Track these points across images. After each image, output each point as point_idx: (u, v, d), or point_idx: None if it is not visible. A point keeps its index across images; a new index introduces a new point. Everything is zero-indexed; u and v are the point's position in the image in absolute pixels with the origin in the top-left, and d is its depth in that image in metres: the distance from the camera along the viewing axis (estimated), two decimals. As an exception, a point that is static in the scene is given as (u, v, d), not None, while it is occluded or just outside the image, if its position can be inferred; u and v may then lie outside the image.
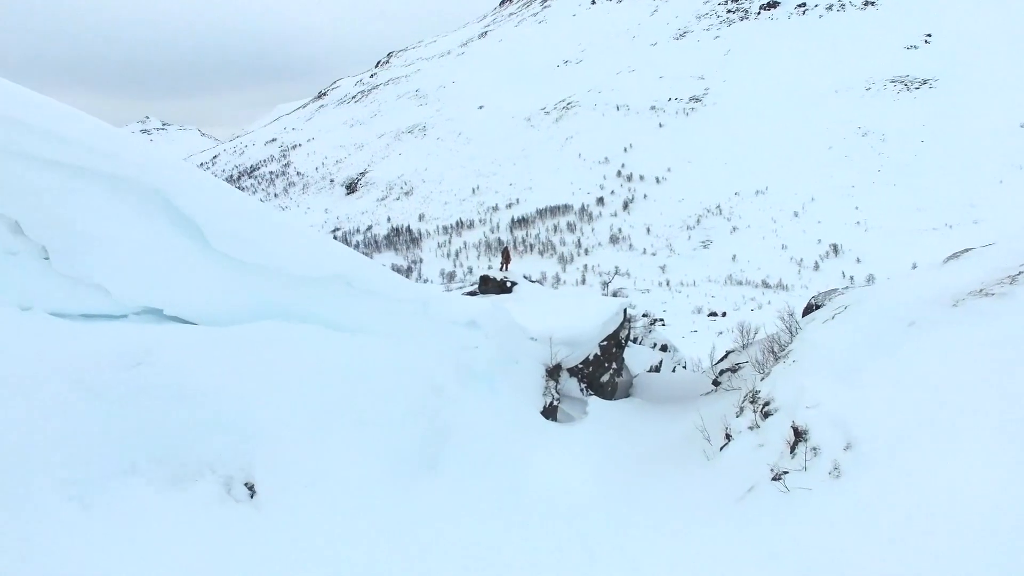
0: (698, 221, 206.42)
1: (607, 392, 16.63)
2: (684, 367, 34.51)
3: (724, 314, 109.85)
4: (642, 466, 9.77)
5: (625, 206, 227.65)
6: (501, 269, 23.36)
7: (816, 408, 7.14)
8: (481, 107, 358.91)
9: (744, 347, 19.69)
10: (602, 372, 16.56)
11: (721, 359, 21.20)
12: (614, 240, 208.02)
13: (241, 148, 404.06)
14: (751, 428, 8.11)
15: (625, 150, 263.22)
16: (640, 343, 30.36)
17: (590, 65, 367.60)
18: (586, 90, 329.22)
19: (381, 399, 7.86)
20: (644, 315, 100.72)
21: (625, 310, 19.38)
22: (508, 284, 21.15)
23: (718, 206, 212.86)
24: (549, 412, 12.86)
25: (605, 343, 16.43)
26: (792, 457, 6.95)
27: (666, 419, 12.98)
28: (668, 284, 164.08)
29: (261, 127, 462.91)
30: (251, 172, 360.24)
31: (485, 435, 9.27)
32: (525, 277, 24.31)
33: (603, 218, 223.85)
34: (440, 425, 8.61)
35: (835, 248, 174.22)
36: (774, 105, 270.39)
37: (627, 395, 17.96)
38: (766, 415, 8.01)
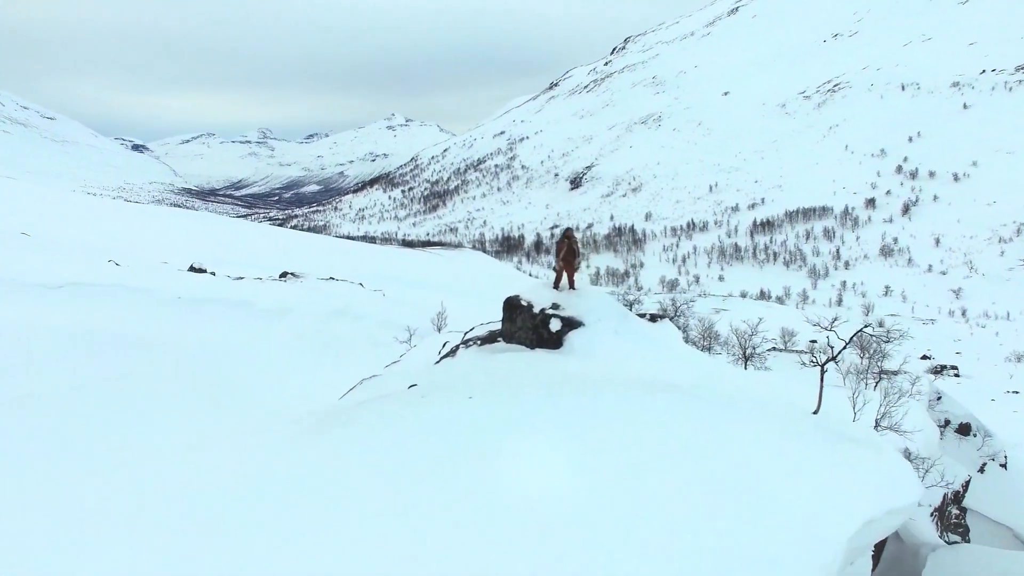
0: (1019, 231, 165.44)
1: None
2: (1003, 465, 21.71)
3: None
4: None
5: (905, 210, 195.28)
6: (556, 283, 13.41)
7: None
8: (726, 93, 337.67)
9: None
10: None
11: None
12: (886, 252, 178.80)
13: (470, 141, 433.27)
14: None
15: (910, 139, 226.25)
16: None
17: (867, 37, 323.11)
18: (860, 68, 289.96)
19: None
20: (924, 357, 78.60)
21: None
22: (556, 325, 11.87)
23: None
24: None
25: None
26: None
27: None
28: (964, 315, 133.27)
29: (491, 120, 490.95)
30: (477, 165, 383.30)
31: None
32: (657, 313, 17.10)
33: (872, 224, 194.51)
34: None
35: None
36: None
37: None
38: None
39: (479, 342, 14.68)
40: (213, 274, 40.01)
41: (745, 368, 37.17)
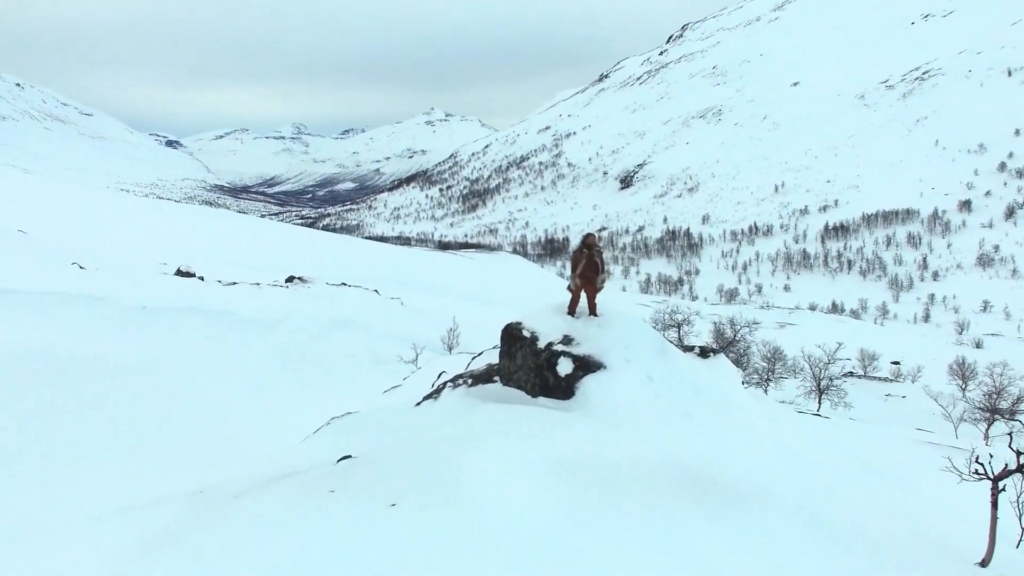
0: None
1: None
2: None
3: None
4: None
5: (1009, 213, 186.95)
6: (571, 308, 10.40)
7: None
8: (795, 84, 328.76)
9: None
10: None
11: None
12: (985, 262, 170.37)
13: (513, 137, 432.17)
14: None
15: (1017, 132, 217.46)
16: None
17: (964, 16, 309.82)
18: (955, 52, 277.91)
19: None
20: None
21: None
22: (566, 367, 9.39)
23: None
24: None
25: None
26: None
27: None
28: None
29: (536, 114, 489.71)
30: (520, 162, 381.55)
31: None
32: (708, 346, 13.42)
33: (968, 229, 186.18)
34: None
35: None
36: None
37: None
38: None
39: (470, 381, 12.10)
40: (201, 279, 38.02)
41: (819, 404, 32.91)
